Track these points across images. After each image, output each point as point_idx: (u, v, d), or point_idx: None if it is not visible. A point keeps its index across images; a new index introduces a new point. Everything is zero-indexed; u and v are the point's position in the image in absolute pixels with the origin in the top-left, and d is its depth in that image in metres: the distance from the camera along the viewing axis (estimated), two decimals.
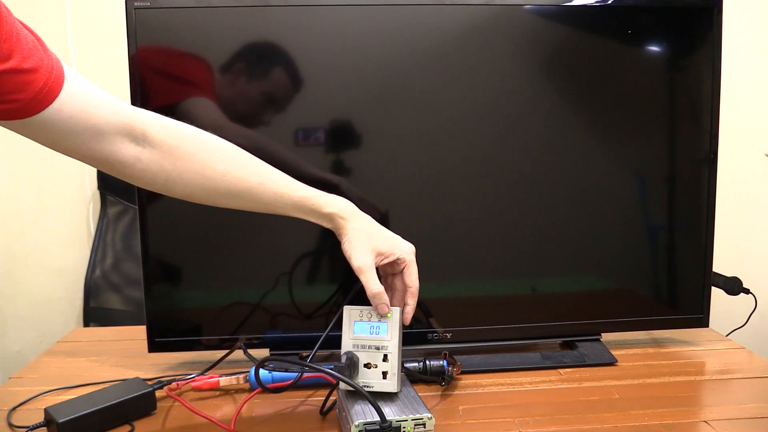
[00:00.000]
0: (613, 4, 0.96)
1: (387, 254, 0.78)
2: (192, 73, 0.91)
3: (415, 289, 0.79)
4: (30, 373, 0.97)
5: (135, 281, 1.64)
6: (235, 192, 0.76)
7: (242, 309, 0.95)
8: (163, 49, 0.90)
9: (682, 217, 1.02)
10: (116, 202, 1.73)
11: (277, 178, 0.78)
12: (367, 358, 0.77)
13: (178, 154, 0.73)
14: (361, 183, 0.93)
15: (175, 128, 0.74)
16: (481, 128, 0.96)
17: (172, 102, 0.91)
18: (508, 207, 0.98)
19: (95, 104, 0.68)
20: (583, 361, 0.97)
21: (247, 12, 0.90)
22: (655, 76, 0.99)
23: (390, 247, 0.79)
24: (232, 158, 0.76)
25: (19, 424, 0.79)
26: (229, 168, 0.75)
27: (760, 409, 0.82)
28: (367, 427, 0.70)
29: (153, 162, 0.72)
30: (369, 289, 0.76)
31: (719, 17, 0.97)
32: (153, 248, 0.93)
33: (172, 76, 0.92)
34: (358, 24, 0.92)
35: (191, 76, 0.92)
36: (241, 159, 0.77)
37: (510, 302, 1.01)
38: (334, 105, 0.93)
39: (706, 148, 1.00)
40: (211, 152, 0.75)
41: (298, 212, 0.78)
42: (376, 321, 0.78)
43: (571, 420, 0.79)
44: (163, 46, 0.90)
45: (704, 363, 0.98)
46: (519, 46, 0.96)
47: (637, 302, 1.03)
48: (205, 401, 0.86)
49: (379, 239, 0.79)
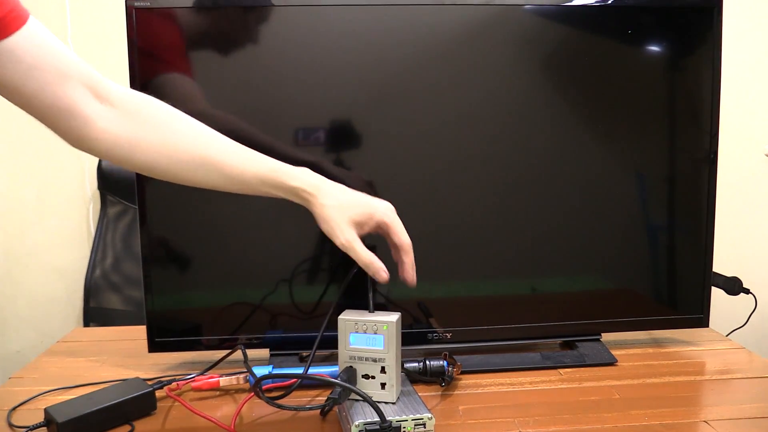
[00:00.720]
0: (613, 4, 0.96)
1: (366, 222, 0.77)
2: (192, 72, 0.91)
3: (407, 246, 0.78)
4: (30, 373, 0.97)
5: (135, 281, 1.64)
6: (198, 161, 0.74)
7: (242, 309, 0.95)
8: (163, 49, 0.90)
9: (682, 217, 1.02)
10: (116, 202, 1.73)
11: (243, 150, 0.76)
12: (365, 369, 0.77)
13: (140, 118, 0.72)
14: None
15: (138, 95, 0.74)
16: (481, 128, 0.96)
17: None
18: (508, 207, 0.98)
19: (61, 48, 0.68)
20: (583, 361, 0.97)
21: (246, 12, 0.90)
22: (655, 76, 0.99)
23: (367, 214, 0.77)
24: (196, 127, 0.75)
25: (19, 424, 0.79)
26: (192, 135, 0.74)
27: (760, 409, 0.82)
28: (367, 427, 0.70)
29: (114, 123, 0.70)
30: (360, 261, 0.75)
31: (719, 17, 0.97)
32: (153, 248, 0.93)
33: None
34: (358, 24, 0.92)
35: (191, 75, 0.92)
36: (205, 129, 0.75)
37: (510, 302, 1.01)
38: (334, 105, 0.93)
39: (706, 148, 1.00)
40: (175, 120, 0.74)
41: (264, 185, 0.75)
42: (372, 333, 0.76)
43: (571, 420, 0.79)
44: (163, 46, 0.90)
45: (704, 363, 0.98)
46: (519, 46, 0.96)
47: (637, 302, 1.03)
48: (205, 401, 0.86)
49: (354, 209, 0.76)
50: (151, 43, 0.89)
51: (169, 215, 0.93)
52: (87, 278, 1.67)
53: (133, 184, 0.90)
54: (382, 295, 0.95)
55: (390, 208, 0.79)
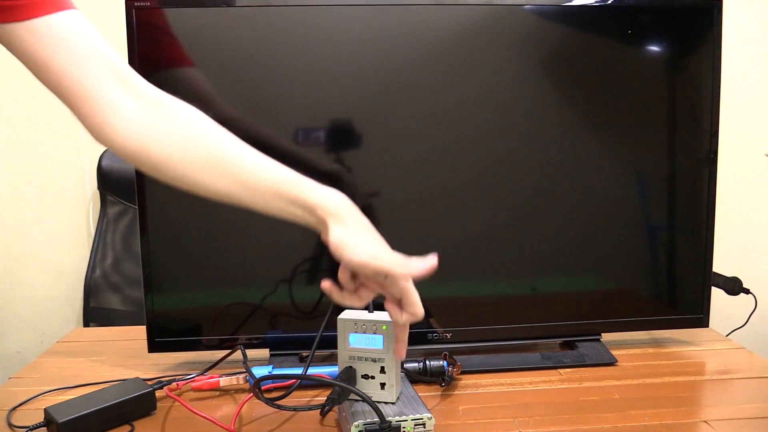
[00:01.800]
0: (613, 4, 0.96)
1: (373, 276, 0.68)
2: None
3: (417, 318, 0.70)
4: (30, 373, 0.97)
5: (135, 281, 1.64)
6: (211, 158, 0.70)
7: (242, 309, 0.95)
8: (163, 49, 0.90)
9: (682, 217, 1.02)
10: (116, 202, 1.73)
11: (262, 157, 0.71)
12: (365, 369, 0.77)
13: (162, 110, 0.71)
14: (360, 183, 0.93)
15: (165, 94, 0.73)
16: (481, 128, 0.96)
17: None
18: (507, 207, 0.98)
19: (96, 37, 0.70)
20: (583, 361, 0.97)
21: (247, 12, 0.90)
22: (655, 76, 0.99)
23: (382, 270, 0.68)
24: (217, 129, 0.72)
25: (19, 424, 0.79)
26: (213, 135, 0.71)
27: (760, 409, 0.82)
28: (367, 427, 0.70)
29: (136, 112, 0.70)
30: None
31: (719, 17, 0.97)
32: (153, 248, 0.93)
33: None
34: (358, 24, 0.92)
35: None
36: (226, 133, 0.72)
37: (510, 302, 1.01)
38: (334, 105, 0.93)
39: (706, 148, 1.00)
40: (197, 119, 0.72)
41: (278, 198, 0.69)
42: (372, 333, 0.76)
43: (571, 420, 0.79)
44: (163, 46, 0.90)
45: (704, 363, 0.98)
46: (519, 46, 0.96)
47: (637, 302, 1.03)
48: (205, 401, 0.86)
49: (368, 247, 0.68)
50: (151, 42, 0.89)
51: (168, 215, 0.93)
52: (87, 278, 1.67)
53: (133, 184, 0.91)
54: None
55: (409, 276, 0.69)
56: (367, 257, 0.67)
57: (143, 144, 0.70)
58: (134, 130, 0.70)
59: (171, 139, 0.70)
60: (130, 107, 0.70)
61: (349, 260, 0.68)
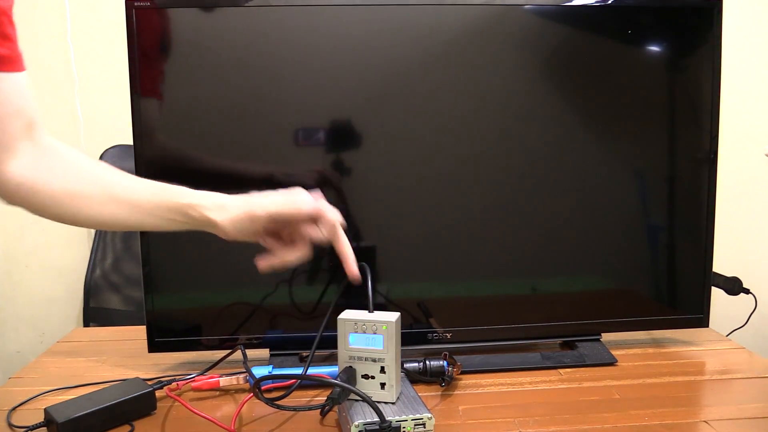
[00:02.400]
0: (613, 4, 0.96)
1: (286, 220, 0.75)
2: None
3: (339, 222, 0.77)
4: (30, 373, 0.97)
5: (135, 281, 1.64)
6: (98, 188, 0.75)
7: (242, 309, 0.95)
8: (163, 49, 0.90)
9: (682, 217, 1.02)
10: None
11: (138, 178, 0.77)
12: (365, 369, 0.77)
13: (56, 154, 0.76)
14: (360, 183, 0.93)
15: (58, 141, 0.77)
16: (481, 128, 0.96)
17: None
18: (508, 207, 0.98)
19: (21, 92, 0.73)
20: (583, 361, 0.97)
21: (247, 12, 0.90)
22: (655, 76, 0.99)
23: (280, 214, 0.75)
24: (99, 163, 0.79)
25: (19, 424, 0.79)
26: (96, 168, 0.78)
27: (760, 409, 0.82)
28: (367, 427, 0.70)
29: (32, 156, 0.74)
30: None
31: (719, 17, 0.97)
32: (153, 248, 0.93)
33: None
34: (358, 24, 0.92)
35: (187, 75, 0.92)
36: (105, 165, 0.79)
37: (510, 302, 1.01)
38: (334, 105, 0.93)
39: (706, 148, 1.00)
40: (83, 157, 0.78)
41: (158, 209, 0.75)
42: (372, 333, 0.76)
43: (571, 420, 0.79)
44: (162, 46, 0.90)
45: (704, 363, 0.98)
46: (519, 46, 0.96)
47: (637, 302, 1.03)
48: (205, 401, 0.86)
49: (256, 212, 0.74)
50: (151, 42, 0.89)
51: None
52: (87, 278, 1.67)
53: None
54: (382, 295, 0.95)
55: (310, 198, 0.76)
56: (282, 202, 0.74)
57: (36, 183, 0.74)
58: (29, 171, 0.74)
59: (64, 176, 0.75)
60: (29, 151, 0.74)
61: (266, 214, 0.74)
